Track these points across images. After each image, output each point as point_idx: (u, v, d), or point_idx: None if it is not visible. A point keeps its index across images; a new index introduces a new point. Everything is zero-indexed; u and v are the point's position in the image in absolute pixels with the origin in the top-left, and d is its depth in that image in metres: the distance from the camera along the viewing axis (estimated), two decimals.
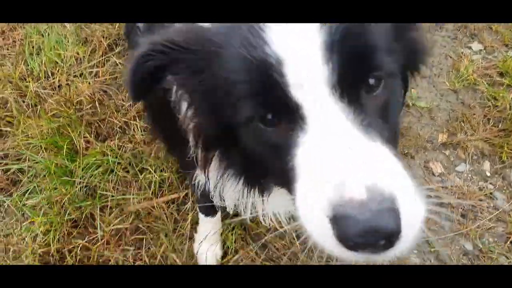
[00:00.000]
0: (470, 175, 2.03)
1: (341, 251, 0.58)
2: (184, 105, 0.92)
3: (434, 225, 1.84)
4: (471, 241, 1.85)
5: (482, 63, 2.37)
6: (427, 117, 2.18)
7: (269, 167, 0.79)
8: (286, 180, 0.72)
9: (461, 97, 2.26)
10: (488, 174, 2.04)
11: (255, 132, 0.72)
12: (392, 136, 0.72)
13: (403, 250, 0.58)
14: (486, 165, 2.07)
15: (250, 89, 0.67)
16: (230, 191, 1.01)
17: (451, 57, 2.41)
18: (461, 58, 2.39)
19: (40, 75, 1.95)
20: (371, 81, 0.69)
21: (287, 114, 0.68)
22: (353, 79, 0.66)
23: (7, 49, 2.07)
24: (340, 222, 0.56)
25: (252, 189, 0.95)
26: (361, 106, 0.67)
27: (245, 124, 0.73)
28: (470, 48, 2.46)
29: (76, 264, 1.49)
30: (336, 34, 0.64)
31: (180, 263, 1.55)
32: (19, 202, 1.60)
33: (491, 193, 1.99)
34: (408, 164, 2.02)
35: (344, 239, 0.56)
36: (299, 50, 0.64)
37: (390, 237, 0.55)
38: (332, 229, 0.57)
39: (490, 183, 2.02)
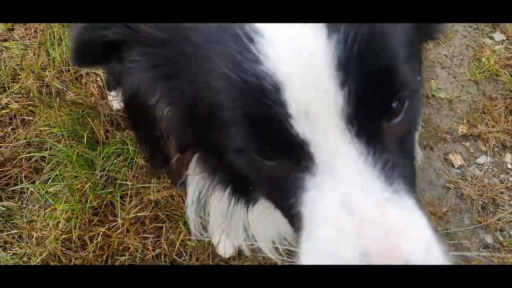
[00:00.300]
0: (491, 167, 1.96)
1: None
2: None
3: (454, 217, 1.79)
4: (491, 234, 1.79)
5: (504, 53, 2.28)
6: (447, 108, 2.11)
7: (266, 193, 0.66)
8: (288, 213, 0.59)
9: (482, 88, 2.17)
10: (510, 166, 1.97)
11: (249, 160, 0.58)
12: (413, 171, 0.59)
13: None
14: (508, 157, 1.99)
15: (241, 116, 0.51)
16: (215, 206, 0.85)
17: (472, 48, 2.32)
18: (483, 48, 2.29)
19: (61, 65, 1.94)
20: (394, 105, 0.53)
21: (290, 151, 0.53)
22: (374, 107, 0.51)
23: (29, 39, 2.06)
24: None
25: (240, 200, 0.78)
26: (382, 142, 0.52)
27: (236, 153, 0.59)
28: (492, 38, 2.36)
29: (97, 251, 1.49)
30: (353, 46, 0.47)
31: (198, 252, 1.54)
32: (42, 190, 1.61)
33: None
34: (427, 156, 1.96)
35: None
36: (304, 70, 0.48)
37: None
38: None
39: None
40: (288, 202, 0.56)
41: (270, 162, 0.55)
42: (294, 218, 0.57)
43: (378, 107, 0.51)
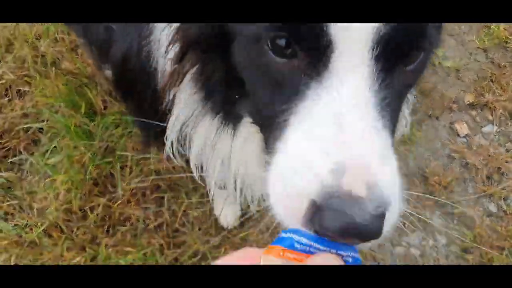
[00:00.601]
0: (497, 137, 1.89)
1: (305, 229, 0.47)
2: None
3: (458, 186, 1.74)
4: (495, 203, 1.75)
5: None
6: (453, 77, 2.02)
7: (257, 102, 0.62)
8: (271, 127, 0.57)
9: (490, 55, 2.08)
10: None
11: (257, 55, 0.55)
12: (396, 123, 0.60)
13: (373, 243, 0.49)
14: None
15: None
16: (199, 134, 0.82)
17: None
18: None
19: (56, 34, 1.85)
20: (414, 52, 0.55)
21: (311, 49, 0.51)
22: (398, 47, 0.52)
23: None
24: (323, 213, 0.45)
25: (227, 125, 0.76)
26: (391, 82, 0.53)
27: (247, 42, 0.56)
28: None
29: (98, 222, 1.45)
30: None
31: (200, 221, 1.50)
32: (41, 161, 1.55)
33: None
34: (433, 125, 1.89)
35: (322, 230, 0.45)
36: None
37: (368, 239, 0.46)
38: (311, 214, 0.46)
39: None
40: (279, 108, 0.54)
41: (281, 59, 0.53)
42: (275, 130, 0.56)
43: (402, 49, 0.53)
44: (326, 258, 0.44)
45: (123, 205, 1.50)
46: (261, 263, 0.42)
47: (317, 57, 0.51)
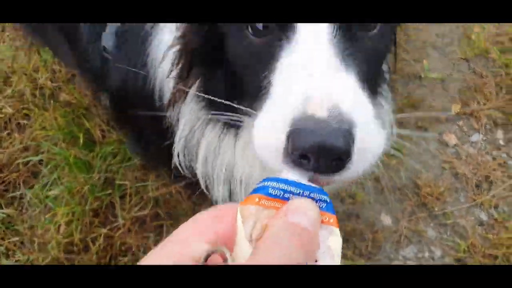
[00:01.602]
0: (483, 145, 1.83)
1: (288, 166, 0.52)
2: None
3: (450, 197, 1.68)
4: (486, 212, 1.69)
5: (493, 29, 2.11)
6: (439, 88, 1.96)
7: (248, 85, 0.70)
8: (259, 99, 0.64)
9: (473, 66, 2.02)
10: (502, 143, 1.84)
11: (243, 40, 0.66)
12: (371, 82, 0.66)
13: (350, 176, 0.53)
14: (499, 133, 1.86)
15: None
16: (204, 142, 0.86)
17: (461, 25, 2.15)
18: (473, 26, 2.12)
19: (53, 65, 1.78)
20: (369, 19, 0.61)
21: (281, 26, 0.62)
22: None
23: (20, 40, 1.88)
24: (294, 135, 0.51)
25: (229, 129, 0.81)
26: (352, 39, 0.61)
27: (236, 33, 0.67)
28: None
29: (100, 253, 1.37)
30: None
31: None
32: (41, 194, 1.48)
33: (504, 162, 1.80)
34: (422, 138, 1.83)
35: (295, 149, 0.50)
36: None
37: (340, 158, 0.50)
38: (286, 142, 0.52)
39: (504, 152, 1.82)
40: (262, 74, 0.63)
41: (259, 38, 0.64)
42: (263, 94, 0.63)
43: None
44: (301, 202, 0.42)
45: (124, 235, 1.43)
46: (238, 214, 0.41)
47: (286, 29, 0.61)
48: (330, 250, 0.41)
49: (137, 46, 0.95)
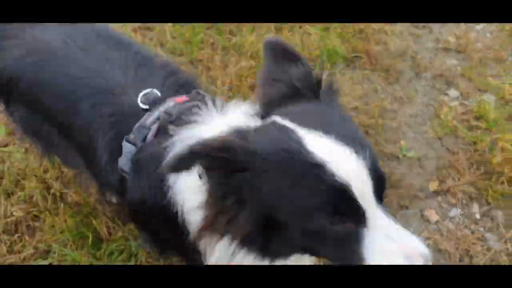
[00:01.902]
0: (461, 220, 1.97)
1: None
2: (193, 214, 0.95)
3: None
4: None
5: (459, 109, 2.33)
6: (417, 166, 2.12)
7: (325, 252, 0.90)
8: (341, 257, 0.87)
9: (445, 144, 2.21)
10: (478, 216, 1.98)
11: (316, 228, 0.83)
12: None
13: None
14: (475, 207, 2.01)
15: (325, 203, 0.80)
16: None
17: (432, 105, 2.37)
18: (441, 105, 2.34)
19: (61, 167, 1.89)
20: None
21: (356, 217, 0.83)
22: (380, 191, 0.85)
23: (28, 143, 2.00)
24: None
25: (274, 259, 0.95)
26: (383, 207, 0.86)
27: (313, 227, 0.84)
28: (447, 95, 2.42)
29: None
30: (368, 162, 0.82)
31: None
32: None
33: (482, 236, 1.93)
34: (404, 214, 1.96)
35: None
36: (358, 175, 0.81)
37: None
38: None
39: (481, 226, 1.96)
40: (350, 249, 0.84)
41: (338, 225, 0.83)
42: (349, 256, 0.85)
43: (381, 190, 0.86)
44: None
45: None
46: None
47: (361, 218, 0.83)
48: None
49: (155, 176, 1.04)
